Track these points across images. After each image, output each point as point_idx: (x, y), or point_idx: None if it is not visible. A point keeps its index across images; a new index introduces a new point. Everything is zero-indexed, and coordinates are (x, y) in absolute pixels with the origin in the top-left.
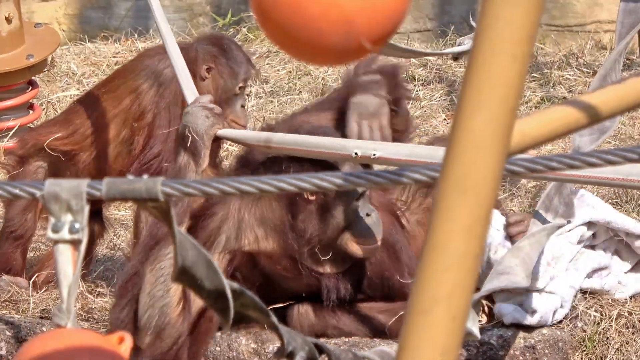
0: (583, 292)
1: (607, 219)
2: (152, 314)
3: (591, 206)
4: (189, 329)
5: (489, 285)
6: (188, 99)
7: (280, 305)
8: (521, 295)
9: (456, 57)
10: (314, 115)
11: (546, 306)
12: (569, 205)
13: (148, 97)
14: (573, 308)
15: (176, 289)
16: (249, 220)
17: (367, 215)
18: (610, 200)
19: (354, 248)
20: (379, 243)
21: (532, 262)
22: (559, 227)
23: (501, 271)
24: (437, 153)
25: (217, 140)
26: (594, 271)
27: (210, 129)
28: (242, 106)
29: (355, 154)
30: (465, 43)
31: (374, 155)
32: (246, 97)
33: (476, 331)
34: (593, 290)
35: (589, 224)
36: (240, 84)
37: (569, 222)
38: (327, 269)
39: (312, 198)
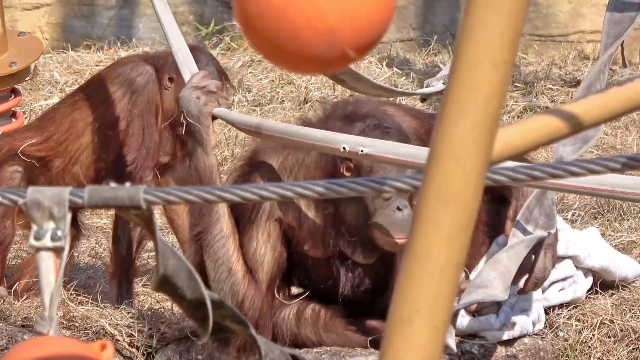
0: (559, 306)
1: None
2: (226, 297)
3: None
4: (265, 294)
5: (467, 298)
6: (185, 78)
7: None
8: (497, 312)
9: (424, 98)
10: (400, 112)
11: (523, 319)
12: (550, 217)
13: (121, 104)
14: (556, 316)
15: (237, 265)
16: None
17: (399, 209)
18: (592, 210)
19: (378, 238)
20: (405, 240)
21: (511, 275)
22: (539, 239)
23: (479, 284)
24: (424, 153)
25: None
26: (560, 281)
27: (204, 107)
28: None
29: (343, 148)
30: (434, 85)
31: (362, 151)
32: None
33: (452, 344)
34: (567, 302)
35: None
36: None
37: (549, 233)
38: (355, 256)
39: (347, 174)
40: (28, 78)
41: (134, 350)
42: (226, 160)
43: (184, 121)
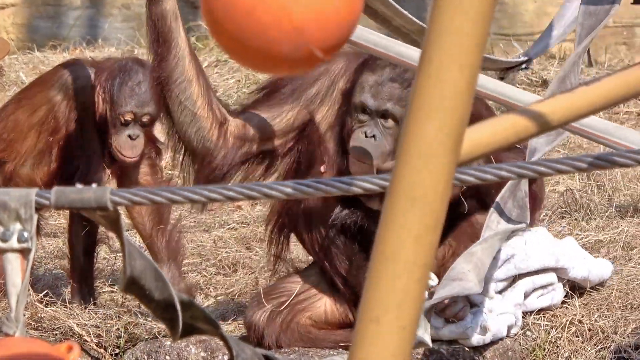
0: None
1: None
2: (190, 139)
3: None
4: (232, 146)
5: (441, 292)
6: None
7: None
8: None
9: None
10: None
11: (498, 324)
12: (523, 208)
13: (61, 109)
14: (526, 316)
15: (202, 112)
16: (338, 88)
17: (373, 136)
18: (559, 209)
19: (349, 159)
20: (369, 164)
21: (485, 267)
22: (513, 231)
23: (454, 277)
24: (416, 54)
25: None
26: (540, 288)
27: None
28: (130, 137)
29: None
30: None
31: None
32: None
33: (428, 339)
34: (544, 308)
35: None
36: (127, 117)
37: (523, 225)
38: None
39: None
40: None
41: (101, 350)
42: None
43: None
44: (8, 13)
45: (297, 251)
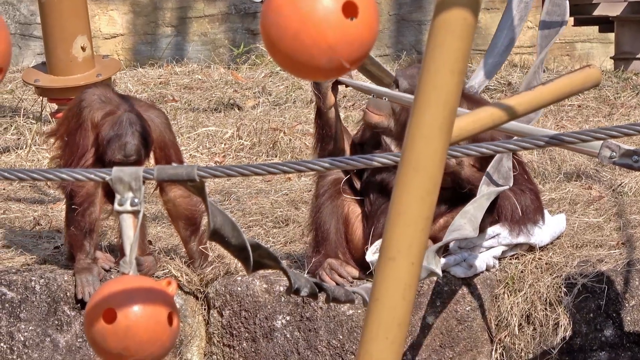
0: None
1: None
2: None
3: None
4: None
5: (446, 238)
6: None
7: None
8: (464, 253)
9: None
10: None
11: (479, 262)
12: (507, 179)
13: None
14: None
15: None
16: None
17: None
18: None
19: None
20: (371, 114)
21: (477, 220)
22: (497, 193)
23: (453, 229)
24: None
25: (336, 86)
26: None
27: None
28: None
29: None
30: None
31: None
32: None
33: (439, 271)
34: (520, 243)
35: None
36: (115, 160)
37: (506, 187)
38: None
39: None
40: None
41: (191, 284)
42: (255, 145)
43: (314, 90)
44: (118, 40)
45: None
